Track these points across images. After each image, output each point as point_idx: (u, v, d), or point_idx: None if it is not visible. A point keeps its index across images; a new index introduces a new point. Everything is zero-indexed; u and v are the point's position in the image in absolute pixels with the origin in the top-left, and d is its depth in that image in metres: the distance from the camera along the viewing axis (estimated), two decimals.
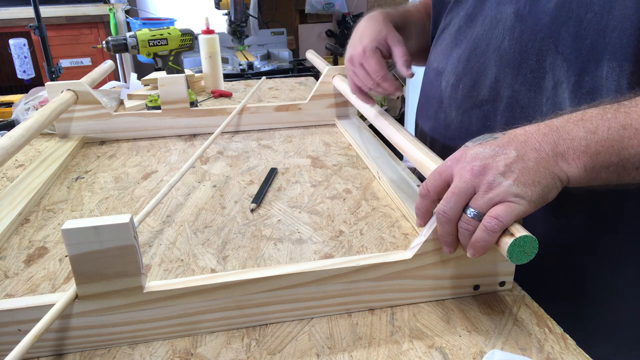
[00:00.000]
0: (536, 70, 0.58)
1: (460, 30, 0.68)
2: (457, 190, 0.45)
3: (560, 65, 0.56)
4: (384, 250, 0.60)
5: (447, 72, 0.69)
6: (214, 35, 1.39)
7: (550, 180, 0.44)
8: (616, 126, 0.44)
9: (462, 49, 0.66)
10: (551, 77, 0.57)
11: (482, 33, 0.63)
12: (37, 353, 0.45)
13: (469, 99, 0.65)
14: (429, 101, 0.74)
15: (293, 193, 0.75)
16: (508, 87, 0.61)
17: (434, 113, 0.73)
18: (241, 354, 0.45)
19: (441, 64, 0.71)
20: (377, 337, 0.47)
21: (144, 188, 0.77)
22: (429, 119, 0.74)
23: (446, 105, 0.69)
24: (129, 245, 0.41)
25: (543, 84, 0.57)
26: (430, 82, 0.74)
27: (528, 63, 0.58)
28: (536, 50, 0.57)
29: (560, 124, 0.46)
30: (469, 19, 0.66)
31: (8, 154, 0.68)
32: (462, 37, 0.67)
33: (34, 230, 0.66)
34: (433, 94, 0.73)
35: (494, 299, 0.52)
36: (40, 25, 1.75)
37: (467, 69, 0.65)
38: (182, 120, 1.00)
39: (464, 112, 0.66)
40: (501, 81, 0.61)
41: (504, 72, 0.61)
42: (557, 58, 0.56)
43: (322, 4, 3.34)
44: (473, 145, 0.47)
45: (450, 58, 0.68)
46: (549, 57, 0.56)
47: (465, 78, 0.65)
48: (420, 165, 0.61)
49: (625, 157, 0.44)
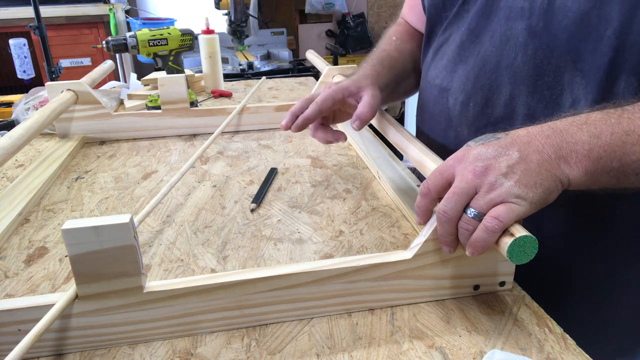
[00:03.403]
0: (554, 87, 0.57)
1: (464, 45, 0.66)
2: (458, 190, 0.45)
3: (579, 82, 0.55)
4: (384, 250, 0.60)
5: (454, 89, 0.67)
6: (214, 35, 1.39)
7: (552, 182, 0.44)
8: (619, 132, 0.44)
9: (469, 66, 0.65)
10: (569, 94, 0.56)
11: (491, 50, 0.62)
12: (37, 353, 0.45)
13: (482, 117, 0.64)
14: (434, 118, 0.72)
15: (293, 193, 0.75)
16: (524, 104, 0.59)
17: (442, 131, 0.71)
18: (241, 354, 0.45)
19: (445, 81, 0.69)
20: (377, 337, 0.47)
21: (144, 188, 0.77)
22: (438, 137, 0.73)
23: (456, 123, 0.67)
24: (129, 245, 0.41)
25: (561, 101, 0.57)
26: (435, 100, 0.72)
27: (545, 80, 0.57)
28: (553, 67, 0.56)
29: (564, 127, 0.46)
30: (472, 34, 0.65)
31: (8, 154, 0.68)
32: (467, 53, 0.65)
33: (34, 230, 0.66)
34: (440, 111, 0.71)
35: (494, 299, 0.52)
36: (40, 25, 1.75)
37: (477, 86, 0.64)
38: (182, 120, 1.00)
39: (477, 130, 0.65)
40: (516, 98, 0.60)
41: (519, 89, 0.59)
42: (576, 75, 0.55)
43: (322, 4, 3.33)
44: (475, 145, 0.47)
45: (456, 75, 0.67)
46: (566, 74, 0.56)
47: (475, 96, 0.64)
48: (420, 165, 0.61)
49: (626, 162, 0.44)
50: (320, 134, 0.71)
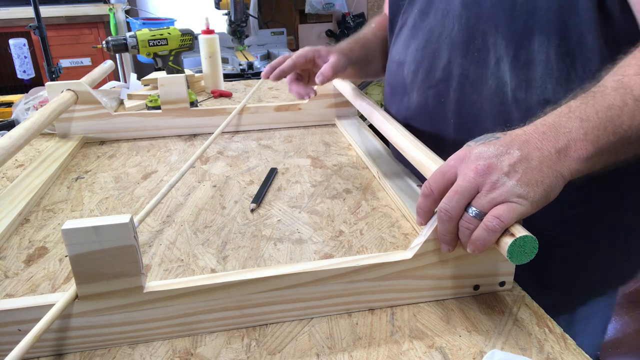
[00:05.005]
0: (481, 49, 0.66)
1: (416, 24, 0.76)
2: (460, 189, 0.45)
3: (500, 43, 0.64)
4: (384, 250, 0.60)
5: (407, 61, 0.77)
6: (214, 35, 1.39)
7: (554, 179, 0.44)
8: (602, 109, 0.47)
9: (419, 40, 0.75)
10: (493, 54, 0.65)
11: (435, 24, 0.72)
12: (37, 353, 0.45)
13: (427, 81, 0.73)
14: (394, 89, 0.82)
15: (293, 193, 0.75)
16: (459, 66, 0.68)
17: (399, 99, 0.81)
18: (241, 354, 0.45)
19: (401, 56, 0.79)
20: (377, 337, 0.47)
21: (144, 188, 0.77)
22: (395, 104, 0.82)
23: (409, 89, 0.77)
24: (129, 245, 0.41)
25: (487, 60, 0.65)
26: (393, 73, 0.82)
27: (475, 44, 0.66)
28: (481, 32, 0.65)
29: (554, 121, 0.47)
30: (422, 14, 0.75)
31: (8, 154, 0.68)
32: (417, 30, 0.75)
33: (34, 230, 0.66)
34: (397, 82, 0.80)
35: (494, 299, 0.52)
36: (40, 25, 1.75)
37: (424, 56, 0.73)
38: (182, 120, 1.00)
39: (422, 92, 0.74)
40: (453, 62, 0.69)
41: (455, 54, 0.69)
42: (498, 37, 0.64)
43: (322, 4, 3.33)
44: (476, 144, 0.47)
45: (409, 49, 0.77)
46: (490, 37, 0.64)
47: (423, 64, 0.73)
48: (420, 165, 0.61)
49: (620, 134, 0.46)
50: (294, 87, 0.83)
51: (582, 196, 0.64)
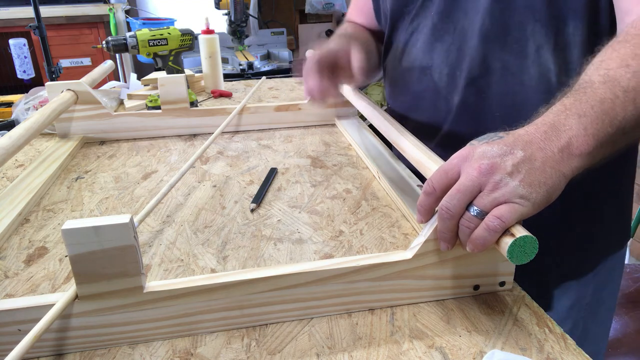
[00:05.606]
0: (520, 40, 0.67)
1: (437, 27, 0.75)
2: (462, 187, 0.45)
3: (538, 30, 0.65)
4: (384, 250, 0.60)
5: (436, 65, 0.76)
6: (214, 35, 1.39)
7: (556, 179, 0.44)
8: (596, 104, 0.47)
9: (447, 43, 0.74)
10: (532, 42, 0.66)
11: (463, 23, 0.71)
12: (37, 353, 0.45)
13: (465, 80, 0.73)
14: (420, 96, 0.80)
15: (293, 193, 0.75)
16: (497, 59, 0.69)
17: (432, 105, 0.78)
18: (241, 354, 0.45)
19: (425, 61, 0.77)
20: (377, 337, 0.47)
21: (144, 188, 0.77)
22: (425, 111, 0.80)
23: (445, 93, 0.76)
24: (129, 245, 0.41)
25: (527, 50, 0.67)
26: (417, 79, 0.80)
27: (512, 35, 0.67)
28: (517, 23, 0.66)
29: (553, 120, 0.47)
30: (444, 15, 0.74)
31: (8, 154, 0.68)
32: (441, 32, 0.74)
33: (34, 230, 0.66)
34: (426, 88, 0.78)
35: (494, 299, 0.52)
36: (40, 25, 1.75)
37: (457, 56, 0.73)
38: (182, 120, 1.00)
39: (461, 92, 0.73)
40: (489, 56, 0.69)
41: (490, 48, 0.69)
42: (536, 25, 0.65)
43: (322, 4, 3.33)
44: (479, 143, 0.47)
45: (435, 53, 0.75)
46: (528, 26, 0.66)
47: (457, 64, 0.73)
48: (420, 165, 0.61)
49: (617, 125, 0.47)
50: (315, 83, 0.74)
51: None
